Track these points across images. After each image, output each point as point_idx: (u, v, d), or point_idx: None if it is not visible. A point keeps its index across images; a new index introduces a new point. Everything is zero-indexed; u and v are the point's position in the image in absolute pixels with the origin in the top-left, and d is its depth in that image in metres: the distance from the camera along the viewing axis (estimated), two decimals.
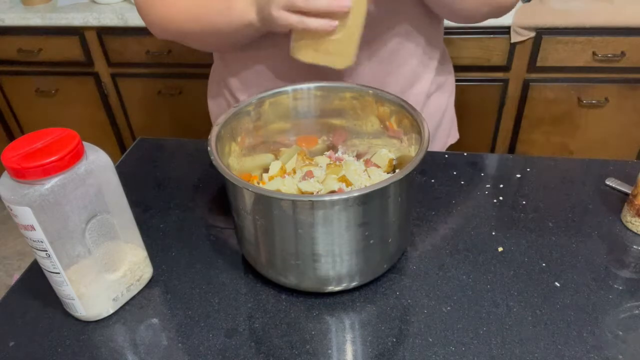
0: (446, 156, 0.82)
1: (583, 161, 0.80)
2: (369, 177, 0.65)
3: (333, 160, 0.70)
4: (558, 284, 0.60)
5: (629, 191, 0.69)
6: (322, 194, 0.61)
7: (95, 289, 0.56)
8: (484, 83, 1.61)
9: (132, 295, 0.60)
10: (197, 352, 0.54)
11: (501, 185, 0.76)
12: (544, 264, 0.62)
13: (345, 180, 0.63)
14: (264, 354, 0.54)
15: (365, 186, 0.55)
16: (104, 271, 0.56)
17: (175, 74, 1.74)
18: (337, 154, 0.72)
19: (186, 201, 0.75)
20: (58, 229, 0.50)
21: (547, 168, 0.79)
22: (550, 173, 0.78)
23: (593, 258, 0.63)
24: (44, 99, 1.86)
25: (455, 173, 0.78)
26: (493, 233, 0.67)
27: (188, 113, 1.83)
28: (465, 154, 0.82)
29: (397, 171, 0.56)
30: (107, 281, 0.56)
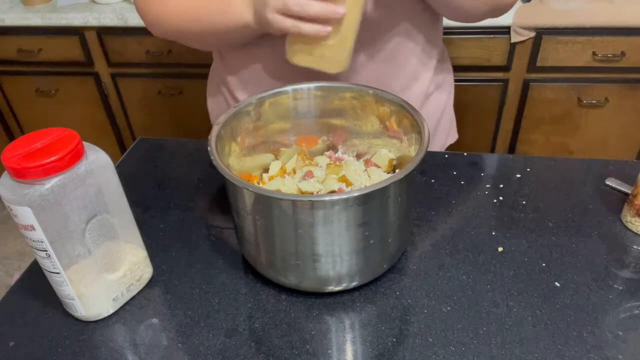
0: (446, 156, 0.82)
1: (583, 161, 0.80)
2: (369, 177, 0.65)
3: (333, 160, 0.70)
4: (558, 284, 0.60)
5: (629, 191, 0.69)
6: (322, 194, 0.61)
7: (95, 289, 0.56)
8: (484, 83, 1.61)
9: (132, 295, 0.60)
10: (197, 352, 0.54)
11: (501, 185, 0.76)
12: (544, 264, 0.62)
13: (345, 180, 0.63)
14: (264, 354, 0.54)
15: (365, 186, 0.55)
16: (104, 271, 0.56)
17: (175, 74, 1.74)
18: (337, 154, 0.72)
19: (186, 201, 0.75)
20: (58, 229, 0.50)
21: (547, 168, 0.79)
22: (550, 173, 0.78)
23: (593, 258, 0.63)
24: (44, 99, 1.86)
25: (455, 173, 0.78)
26: (493, 233, 0.67)
27: (188, 113, 1.83)
28: (465, 154, 0.82)
29: (397, 171, 0.56)
30: (107, 281, 0.56)
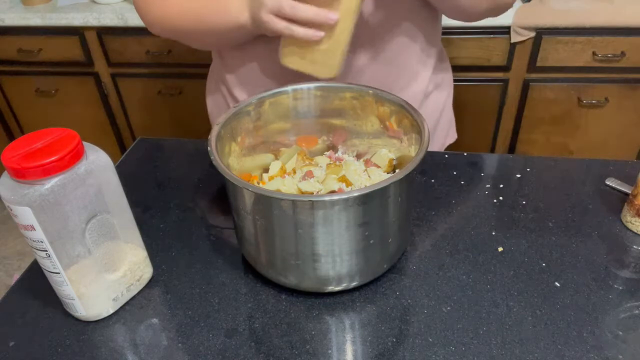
0: (446, 156, 0.82)
1: (583, 161, 0.80)
2: (369, 177, 0.65)
3: (333, 160, 0.70)
4: (558, 284, 0.60)
5: (629, 191, 0.69)
6: (322, 194, 0.61)
7: (95, 289, 0.56)
8: (484, 83, 1.61)
9: (132, 295, 0.60)
10: (197, 352, 0.54)
11: (501, 185, 0.76)
12: (544, 264, 0.62)
13: (345, 180, 0.63)
14: (264, 354, 0.54)
15: (365, 186, 0.55)
16: (104, 271, 0.56)
17: (175, 74, 1.74)
18: (337, 154, 0.72)
19: (186, 201, 0.75)
20: (58, 229, 0.50)
21: (547, 168, 0.79)
22: (550, 173, 0.78)
23: (593, 258, 0.63)
24: (44, 99, 1.86)
25: (455, 173, 0.78)
26: (493, 233, 0.67)
27: (188, 113, 1.83)
28: (465, 154, 0.82)
29: (397, 171, 0.56)
30: (107, 281, 0.56)
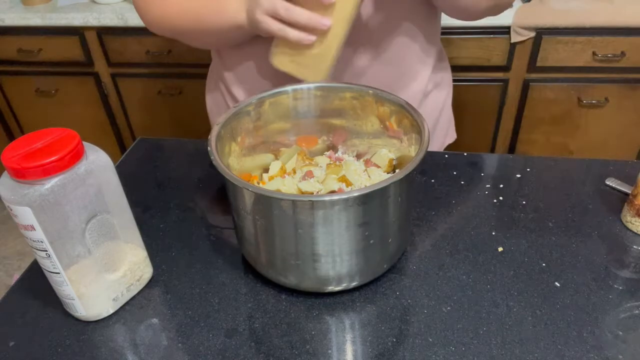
0: (446, 156, 0.82)
1: (583, 161, 0.80)
2: (369, 177, 0.65)
3: (333, 160, 0.70)
4: (558, 284, 0.60)
5: (629, 191, 0.69)
6: (322, 194, 0.61)
7: (95, 289, 0.56)
8: (484, 83, 1.61)
9: (132, 295, 0.60)
10: (197, 352, 0.54)
11: (501, 185, 0.76)
12: (544, 264, 0.62)
13: (345, 180, 0.63)
14: (264, 354, 0.54)
15: (365, 186, 0.55)
16: (104, 271, 0.56)
17: (175, 74, 1.74)
18: (337, 154, 0.72)
19: (186, 201, 0.75)
20: (58, 229, 0.50)
21: (547, 168, 0.79)
22: (550, 173, 0.78)
23: (593, 258, 0.63)
24: (44, 99, 1.86)
25: (455, 173, 0.78)
26: (493, 233, 0.67)
27: (188, 113, 1.83)
28: (465, 154, 0.82)
29: (397, 171, 0.56)
30: (107, 281, 0.56)
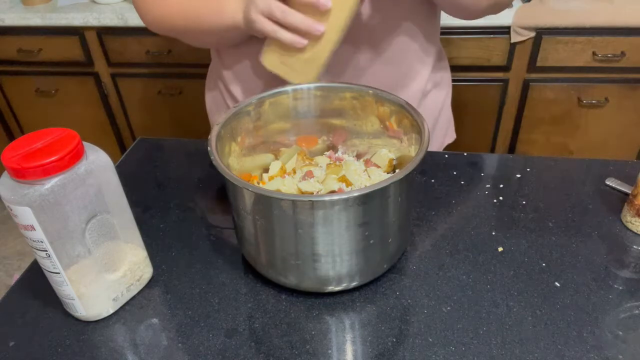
0: (446, 156, 0.82)
1: (583, 161, 0.80)
2: (369, 177, 0.65)
3: (333, 160, 0.70)
4: (558, 284, 0.60)
5: (629, 191, 0.69)
6: (322, 194, 0.61)
7: (95, 289, 0.56)
8: (484, 83, 1.61)
9: (132, 295, 0.60)
10: (197, 352, 0.54)
11: (501, 185, 0.76)
12: (544, 264, 0.62)
13: (345, 180, 0.63)
14: (264, 354, 0.54)
15: (365, 186, 0.55)
16: (104, 271, 0.56)
17: (175, 74, 1.74)
18: (337, 154, 0.72)
19: (186, 201, 0.75)
20: (58, 229, 0.50)
21: (547, 168, 0.79)
22: (550, 173, 0.78)
23: (593, 258, 0.63)
24: (44, 99, 1.86)
25: (455, 173, 0.78)
26: (493, 233, 0.67)
27: (188, 113, 1.83)
28: (465, 154, 0.82)
29: (397, 171, 0.56)
30: (107, 281, 0.56)
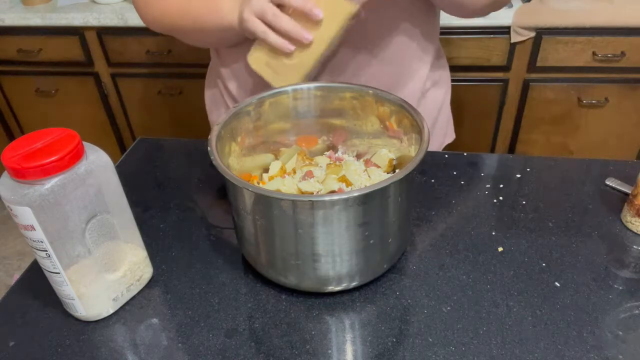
0: (446, 156, 0.82)
1: (583, 161, 0.80)
2: (369, 177, 0.65)
3: (333, 160, 0.70)
4: (558, 284, 0.60)
5: (629, 191, 0.69)
6: (322, 194, 0.61)
7: (95, 289, 0.56)
8: (484, 83, 1.61)
9: (132, 295, 0.60)
10: (197, 352, 0.54)
11: (501, 185, 0.76)
12: (544, 264, 0.62)
13: (345, 180, 0.63)
14: (264, 354, 0.54)
15: (365, 186, 0.55)
16: (104, 271, 0.56)
17: (175, 74, 1.74)
18: (337, 154, 0.72)
19: (186, 201, 0.75)
20: (58, 229, 0.50)
21: (547, 168, 0.79)
22: (550, 173, 0.78)
23: (593, 258, 0.63)
24: (44, 99, 1.86)
25: (455, 173, 0.78)
26: (493, 233, 0.67)
27: (188, 113, 1.83)
28: (465, 154, 0.82)
29: (397, 171, 0.56)
30: (107, 281, 0.56)
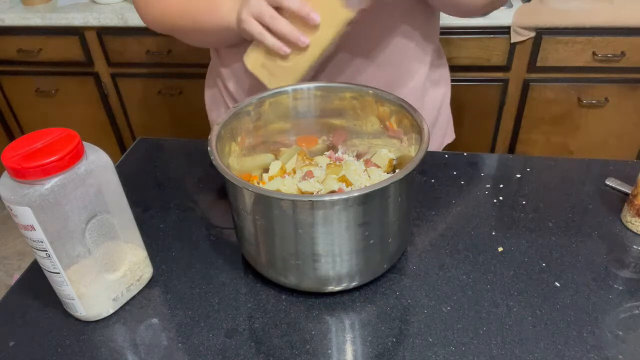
0: (446, 156, 0.82)
1: (583, 161, 0.80)
2: (369, 177, 0.65)
3: (333, 160, 0.70)
4: (558, 284, 0.60)
5: (629, 191, 0.69)
6: (322, 194, 0.61)
7: (95, 289, 0.56)
8: (484, 83, 1.61)
9: (132, 295, 0.60)
10: (197, 352, 0.54)
11: (501, 185, 0.76)
12: (544, 264, 0.62)
13: (345, 180, 0.63)
14: (264, 354, 0.54)
15: (365, 186, 0.55)
16: (104, 271, 0.56)
17: (175, 74, 1.74)
18: (337, 154, 0.72)
19: (186, 201, 0.75)
20: (58, 229, 0.50)
21: (547, 168, 0.79)
22: (550, 173, 0.78)
23: (593, 258, 0.63)
24: (44, 99, 1.86)
25: (455, 173, 0.78)
26: (493, 233, 0.67)
27: (188, 113, 1.83)
28: (465, 154, 0.82)
29: (397, 171, 0.56)
30: (107, 281, 0.56)
